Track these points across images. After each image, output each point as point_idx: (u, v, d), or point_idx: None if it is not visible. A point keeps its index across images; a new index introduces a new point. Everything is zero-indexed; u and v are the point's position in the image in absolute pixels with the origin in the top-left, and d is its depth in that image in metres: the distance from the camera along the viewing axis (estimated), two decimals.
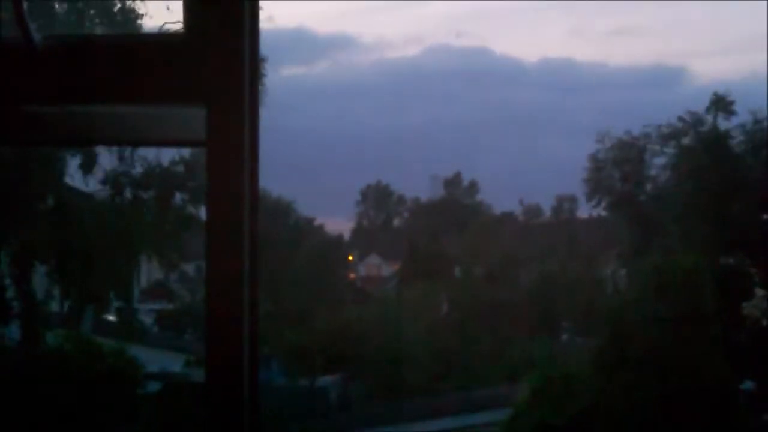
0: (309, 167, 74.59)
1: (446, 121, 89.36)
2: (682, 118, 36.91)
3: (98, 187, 29.77)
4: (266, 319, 36.80)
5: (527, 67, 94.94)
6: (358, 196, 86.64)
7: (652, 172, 39.02)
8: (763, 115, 35.04)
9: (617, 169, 39.01)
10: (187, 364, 37.44)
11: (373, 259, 75.63)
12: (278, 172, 44.48)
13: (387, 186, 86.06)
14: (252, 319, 1.89)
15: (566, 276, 51.27)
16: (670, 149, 37.67)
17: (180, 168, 30.51)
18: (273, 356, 39.47)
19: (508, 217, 72.25)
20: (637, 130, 38.36)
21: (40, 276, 28.79)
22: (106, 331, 33.21)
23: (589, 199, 40.30)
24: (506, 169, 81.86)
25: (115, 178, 29.80)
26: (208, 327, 1.89)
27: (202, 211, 28.45)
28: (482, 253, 56.23)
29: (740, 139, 36.08)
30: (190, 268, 51.59)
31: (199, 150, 1.99)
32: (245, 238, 1.89)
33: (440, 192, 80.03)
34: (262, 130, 1.95)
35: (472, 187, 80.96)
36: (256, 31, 1.92)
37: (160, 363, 35.38)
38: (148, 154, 29.69)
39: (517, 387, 33.56)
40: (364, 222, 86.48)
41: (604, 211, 41.48)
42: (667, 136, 37.46)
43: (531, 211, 77.36)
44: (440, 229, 65.54)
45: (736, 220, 33.77)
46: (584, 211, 53.65)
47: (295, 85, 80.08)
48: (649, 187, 39.17)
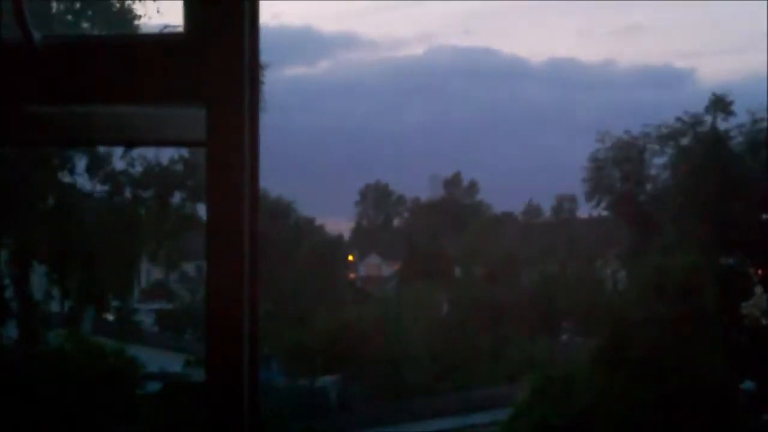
0: (309, 167, 74.44)
1: (447, 121, 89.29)
2: (681, 119, 36.94)
3: (98, 187, 29.77)
4: (266, 319, 36.78)
5: (532, 67, 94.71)
6: (358, 196, 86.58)
7: (652, 172, 39.03)
8: (762, 115, 35.06)
9: (617, 168, 39.00)
10: (187, 364, 37.36)
11: (373, 259, 75.55)
12: (278, 172, 44.41)
13: (387, 186, 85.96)
14: (252, 319, 1.89)
15: (566, 276, 51.23)
16: (670, 149, 37.68)
17: (179, 167, 30.48)
18: (273, 356, 39.42)
19: (508, 217, 72.16)
20: (638, 130, 38.41)
21: (39, 276, 28.77)
22: (106, 331, 33.17)
23: (589, 199, 40.30)
24: (506, 168, 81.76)
25: (115, 177, 29.77)
26: (208, 327, 1.89)
27: (201, 210, 28.42)
28: (482, 253, 56.20)
29: (739, 139, 36.10)
30: (190, 268, 51.51)
31: (198, 149, 1.98)
32: (245, 238, 1.89)
33: (440, 192, 79.95)
34: (262, 130, 1.95)
35: (472, 187, 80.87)
36: (256, 31, 1.92)
37: (160, 363, 35.31)
38: (148, 153, 29.68)
39: (517, 387, 33.55)
40: (364, 222, 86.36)
41: (604, 211, 41.46)
42: (667, 136, 37.47)
43: (531, 211, 77.28)
44: (440, 229, 65.46)
45: (736, 220, 33.77)
46: (584, 211, 53.57)
47: (297, 84, 79.97)
48: (649, 187, 39.17)
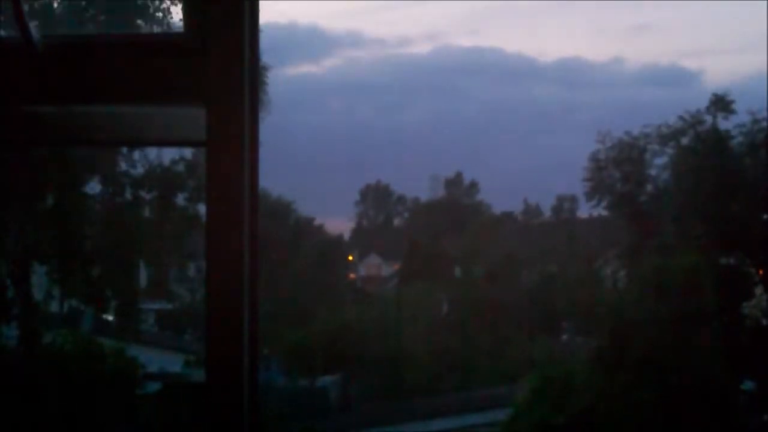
0: (309, 167, 74.34)
1: (450, 120, 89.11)
2: (681, 118, 36.92)
3: (98, 187, 29.74)
4: (266, 319, 36.75)
5: (540, 66, 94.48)
6: (358, 196, 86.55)
7: (653, 172, 38.99)
8: (763, 114, 35.06)
9: (618, 168, 38.96)
10: (187, 364, 37.32)
11: (373, 259, 75.47)
12: (278, 171, 44.38)
13: (387, 186, 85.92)
14: (252, 319, 1.89)
15: (566, 276, 51.21)
16: (670, 149, 37.66)
17: (180, 167, 30.45)
18: (273, 356, 39.41)
19: (508, 217, 72.12)
20: (638, 130, 38.37)
21: (40, 276, 28.75)
22: (106, 331, 33.15)
23: (589, 199, 40.25)
24: (507, 168, 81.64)
25: (115, 177, 29.74)
26: (208, 327, 1.89)
27: (203, 211, 28.35)
28: (482, 253, 56.20)
29: (740, 139, 36.08)
30: (191, 268, 51.48)
31: (200, 149, 1.98)
32: (245, 238, 1.89)
33: (440, 192, 79.91)
34: (263, 129, 1.95)
35: (473, 187, 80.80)
36: (256, 31, 1.92)
37: (160, 363, 35.28)
38: (149, 152, 29.65)
39: (517, 387, 33.54)
40: (364, 222, 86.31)
41: (604, 211, 41.42)
42: (667, 136, 37.44)
43: (531, 211, 77.22)
44: (440, 229, 65.43)
45: (736, 220, 33.75)
46: (584, 211, 53.51)
47: (302, 82, 79.74)
48: (649, 187, 39.14)
